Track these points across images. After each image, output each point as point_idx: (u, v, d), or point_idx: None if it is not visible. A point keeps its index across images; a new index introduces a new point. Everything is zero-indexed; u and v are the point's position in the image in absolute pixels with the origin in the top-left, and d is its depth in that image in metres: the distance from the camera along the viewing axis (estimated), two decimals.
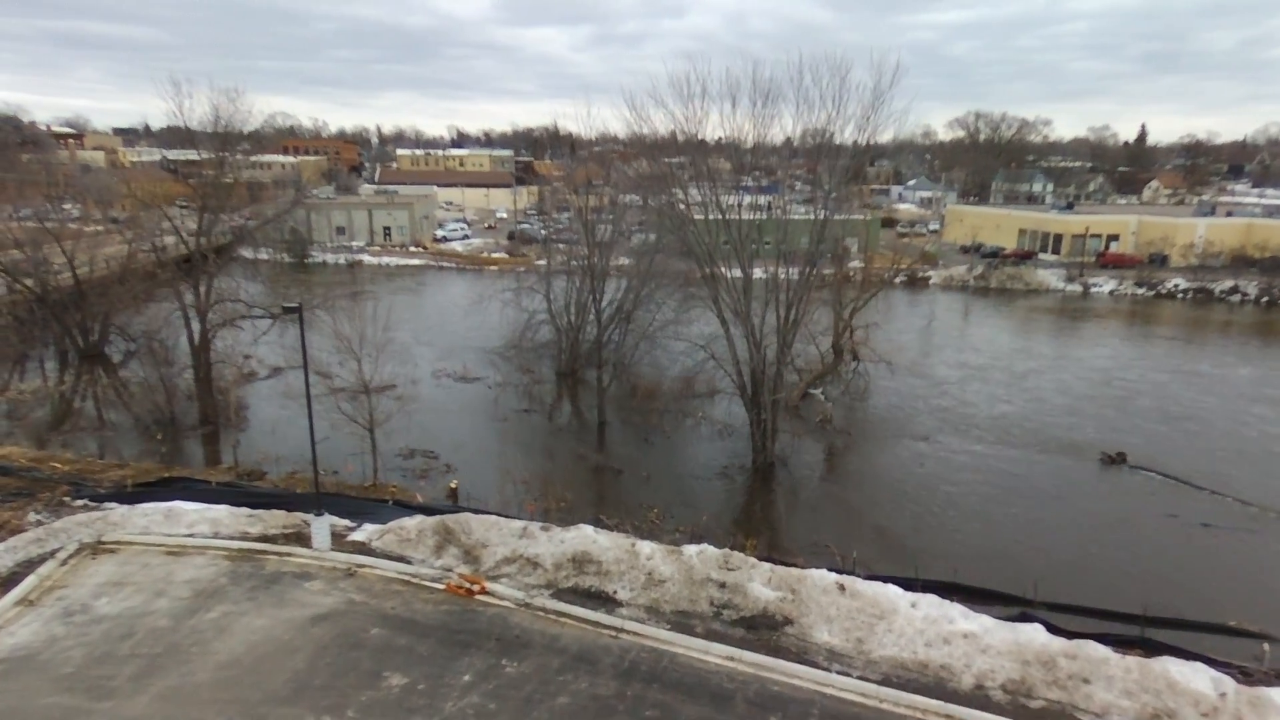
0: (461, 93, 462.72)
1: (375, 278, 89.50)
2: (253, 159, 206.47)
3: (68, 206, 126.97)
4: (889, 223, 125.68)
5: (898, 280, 70.10)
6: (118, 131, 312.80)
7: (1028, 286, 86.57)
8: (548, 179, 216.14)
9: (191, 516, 24.45)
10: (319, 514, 22.67)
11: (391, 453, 34.21)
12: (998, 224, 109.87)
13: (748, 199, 40.11)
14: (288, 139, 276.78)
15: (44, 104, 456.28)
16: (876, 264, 58.90)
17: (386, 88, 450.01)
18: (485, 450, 36.04)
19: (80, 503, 27.69)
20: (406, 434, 35.91)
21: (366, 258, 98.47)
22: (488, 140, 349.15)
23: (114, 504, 27.55)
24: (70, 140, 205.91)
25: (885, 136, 33.73)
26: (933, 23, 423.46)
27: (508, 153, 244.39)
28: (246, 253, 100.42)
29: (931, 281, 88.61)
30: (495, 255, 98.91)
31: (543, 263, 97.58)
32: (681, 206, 38.71)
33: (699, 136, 40.16)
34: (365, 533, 24.43)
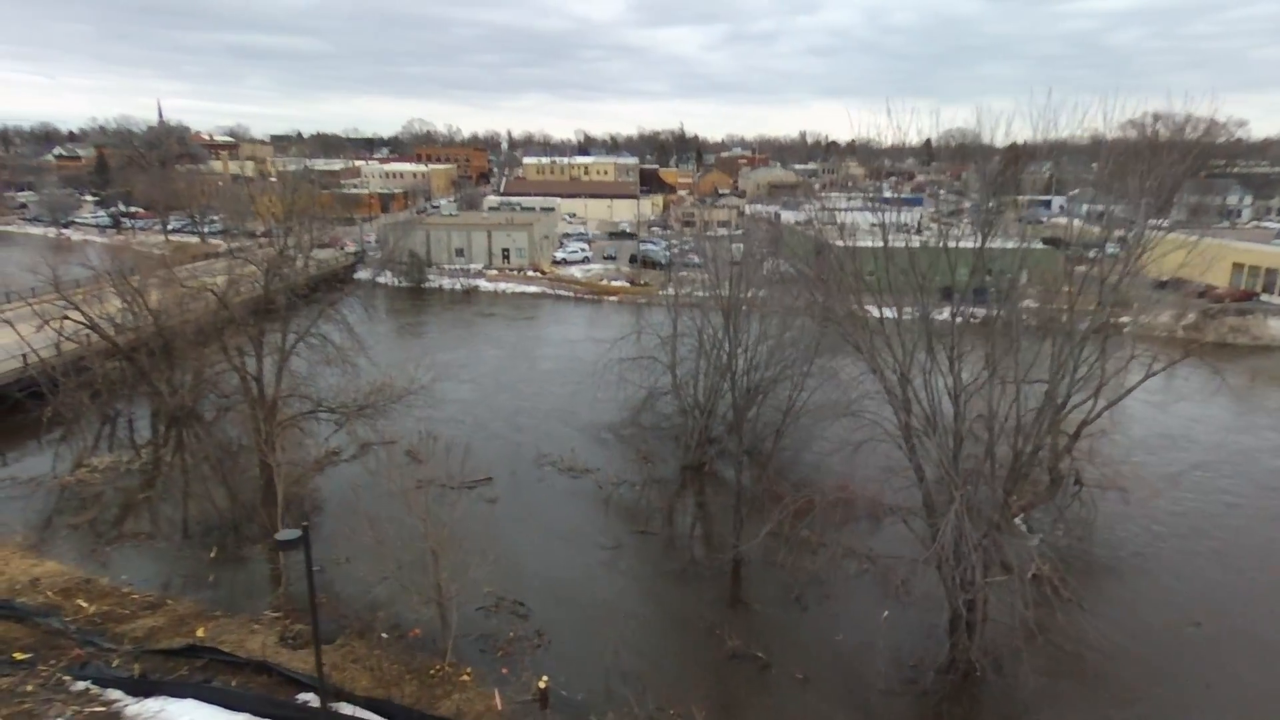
0: (592, 94, 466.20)
1: (490, 306, 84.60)
2: (386, 169, 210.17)
3: (214, 219, 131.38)
4: (1051, 243, 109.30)
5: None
6: (274, 138, 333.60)
7: (1255, 341, 70.57)
8: (673, 187, 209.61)
9: None
10: None
11: (472, 604, 26.90)
12: (1202, 253, 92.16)
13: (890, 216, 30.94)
14: (422, 146, 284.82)
15: (220, 110, 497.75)
16: (1055, 306, 46.99)
17: (521, 90, 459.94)
18: (589, 602, 28.28)
19: (82, 686, 22.01)
20: (495, 558, 28.38)
21: (483, 283, 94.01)
22: (613, 144, 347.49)
23: (118, 692, 21.74)
24: (223, 151, 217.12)
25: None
26: (1093, 10, 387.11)
27: (633, 160, 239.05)
28: (364, 275, 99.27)
29: (1126, 330, 73.88)
30: (615, 284, 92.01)
31: (667, 292, 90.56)
32: (821, 225, 30.13)
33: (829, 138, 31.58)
34: None
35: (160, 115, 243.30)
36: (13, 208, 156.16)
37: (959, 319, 27.85)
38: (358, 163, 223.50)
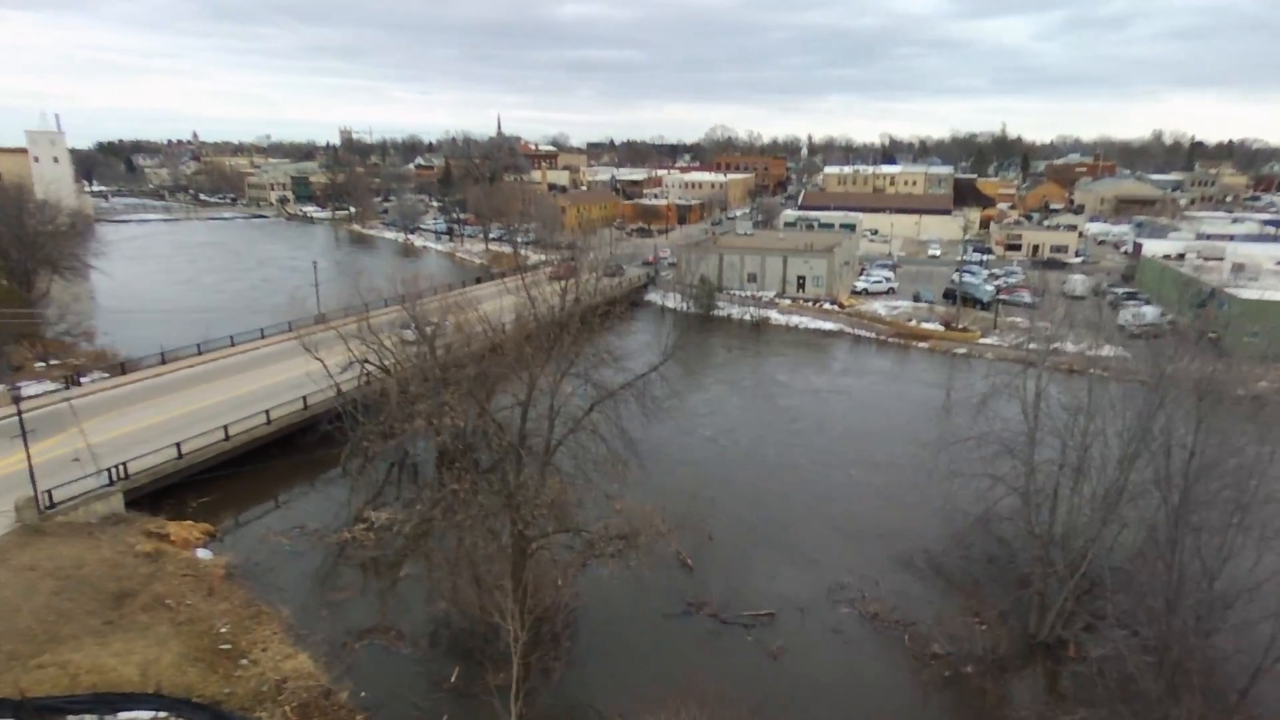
0: (900, 93, 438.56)
1: (782, 345, 77.05)
2: (686, 179, 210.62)
3: (528, 228, 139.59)
4: None
5: None
6: (590, 146, 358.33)
7: None
8: (992, 200, 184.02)
9: None
10: None
11: None
12: None
13: None
14: (722, 153, 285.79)
15: (548, 119, 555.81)
16: None
17: (825, 91, 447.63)
18: None
19: None
20: None
21: (775, 314, 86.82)
22: (921, 149, 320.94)
23: None
24: (543, 160, 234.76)
25: None
26: None
27: (946, 169, 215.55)
28: (654, 297, 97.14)
29: None
30: (926, 325, 79.29)
31: (991, 340, 75.74)
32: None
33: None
34: None
35: (499, 127, 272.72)
36: (377, 213, 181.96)
37: None
38: (659, 172, 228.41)
